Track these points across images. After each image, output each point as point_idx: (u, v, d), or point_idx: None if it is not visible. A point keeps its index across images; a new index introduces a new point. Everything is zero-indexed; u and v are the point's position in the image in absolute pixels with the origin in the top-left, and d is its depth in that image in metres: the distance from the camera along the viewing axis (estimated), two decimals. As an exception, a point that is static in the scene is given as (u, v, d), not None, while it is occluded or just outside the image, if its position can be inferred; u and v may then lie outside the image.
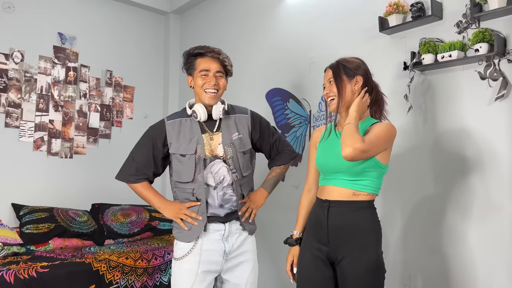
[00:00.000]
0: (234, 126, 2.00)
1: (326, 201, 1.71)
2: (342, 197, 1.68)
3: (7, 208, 3.18)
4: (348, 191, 1.67)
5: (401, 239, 2.31)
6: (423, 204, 2.23)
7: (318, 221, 1.73)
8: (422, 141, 2.24)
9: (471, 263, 2.04)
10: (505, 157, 1.95)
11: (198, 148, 1.91)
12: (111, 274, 2.65)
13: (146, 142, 2.01)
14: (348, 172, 1.67)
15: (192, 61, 1.96)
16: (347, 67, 1.74)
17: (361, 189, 1.67)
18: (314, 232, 1.74)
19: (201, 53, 1.94)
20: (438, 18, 2.16)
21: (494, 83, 1.98)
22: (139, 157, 2.00)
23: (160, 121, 2.06)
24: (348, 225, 1.65)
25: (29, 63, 3.33)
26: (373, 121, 1.76)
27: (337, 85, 1.73)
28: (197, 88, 1.95)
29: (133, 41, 3.97)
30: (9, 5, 3.27)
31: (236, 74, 3.52)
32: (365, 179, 1.67)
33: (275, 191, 2.21)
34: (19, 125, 3.26)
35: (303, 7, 2.95)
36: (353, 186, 1.67)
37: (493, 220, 1.97)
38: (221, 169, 1.94)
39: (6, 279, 2.28)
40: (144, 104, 4.01)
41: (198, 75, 1.93)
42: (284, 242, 1.90)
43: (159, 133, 1.99)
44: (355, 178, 1.67)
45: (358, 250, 1.63)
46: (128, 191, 2.19)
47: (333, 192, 1.70)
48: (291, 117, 2.99)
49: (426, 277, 2.20)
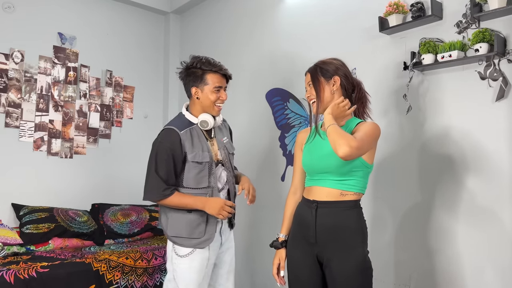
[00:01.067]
0: (221, 131, 2.21)
1: (314, 201, 1.72)
2: (330, 197, 1.70)
3: (7, 208, 3.18)
4: (336, 191, 1.70)
5: (401, 239, 2.31)
6: (424, 204, 2.23)
7: (305, 221, 1.74)
8: (421, 141, 2.24)
9: (472, 262, 2.04)
10: (505, 157, 1.95)
11: (209, 155, 2.07)
12: (111, 274, 2.65)
13: (165, 156, 2.00)
14: (335, 172, 1.69)
15: (201, 75, 2.05)
16: (324, 68, 1.78)
17: (348, 189, 1.69)
18: (302, 233, 1.76)
19: (213, 70, 2.06)
20: (438, 18, 2.16)
21: (494, 83, 1.98)
22: (163, 172, 1.99)
23: (169, 132, 2.03)
24: (336, 225, 1.67)
25: (29, 63, 3.33)
26: (357, 120, 1.78)
27: (315, 88, 1.77)
28: (207, 101, 2.07)
29: (133, 41, 3.97)
30: (9, 5, 3.27)
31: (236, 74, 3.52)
32: (351, 179, 1.69)
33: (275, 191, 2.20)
34: (19, 125, 3.26)
35: (303, 7, 2.95)
36: (340, 186, 1.69)
37: (494, 220, 1.97)
38: (222, 172, 2.13)
39: (6, 279, 2.28)
40: (144, 104, 4.01)
41: (211, 90, 2.06)
42: (270, 246, 1.92)
43: (176, 145, 2.01)
44: (342, 178, 1.69)
45: (346, 251, 1.65)
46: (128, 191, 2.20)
47: (321, 193, 1.72)
48: (291, 117, 2.99)
49: (426, 277, 2.20)
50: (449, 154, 2.13)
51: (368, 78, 2.50)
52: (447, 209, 2.13)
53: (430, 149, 2.21)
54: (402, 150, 2.32)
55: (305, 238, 1.74)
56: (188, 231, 2.02)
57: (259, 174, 3.17)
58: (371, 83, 2.48)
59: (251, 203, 2.12)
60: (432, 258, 2.18)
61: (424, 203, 2.23)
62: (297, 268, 1.77)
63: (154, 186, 1.99)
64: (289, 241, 1.84)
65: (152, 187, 2.00)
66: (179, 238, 2.03)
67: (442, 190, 2.15)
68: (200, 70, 2.05)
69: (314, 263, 1.72)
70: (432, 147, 2.20)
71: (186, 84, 2.10)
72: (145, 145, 3.95)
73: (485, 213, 2.00)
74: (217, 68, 2.06)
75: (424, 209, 2.22)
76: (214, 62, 2.07)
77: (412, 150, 2.28)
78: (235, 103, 3.42)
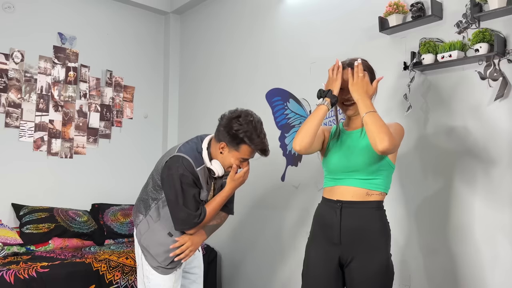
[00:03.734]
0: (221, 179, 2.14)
1: (338, 201, 1.67)
2: (356, 197, 1.65)
3: (7, 208, 3.18)
4: (362, 191, 1.65)
5: (400, 239, 2.31)
6: (424, 204, 2.23)
7: (328, 222, 1.68)
8: (421, 141, 2.24)
9: (472, 262, 2.04)
10: (505, 156, 1.95)
11: (207, 195, 2.06)
12: (111, 274, 2.65)
13: (190, 190, 1.96)
14: (363, 171, 1.65)
15: (238, 142, 1.94)
16: (371, 72, 1.71)
17: (375, 188, 1.65)
18: (324, 233, 1.70)
19: (255, 147, 1.96)
20: (438, 18, 2.16)
21: (494, 83, 1.98)
22: (192, 205, 1.96)
23: (189, 164, 1.96)
24: (361, 226, 1.63)
25: (29, 63, 3.33)
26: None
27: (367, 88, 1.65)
28: (227, 161, 1.99)
29: (133, 41, 3.97)
30: (9, 5, 3.27)
31: (236, 74, 3.54)
32: (378, 178, 1.66)
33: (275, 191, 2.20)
34: (19, 125, 3.26)
35: (303, 7, 2.95)
36: (367, 185, 1.65)
37: (495, 220, 1.97)
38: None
39: (6, 279, 2.28)
40: (144, 104, 4.01)
41: (237, 158, 1.98)
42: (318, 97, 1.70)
43: (195, 178, 1.98)
44: (369, 177, 1.65)
45: (369, 252, 1.62)
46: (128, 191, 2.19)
47: (347, 193, 1.67)
48: (291, 117, 2.99)
49: (427, 277, 2.20)
50: (449, 154, 2.13)
51: (368, 78, 2.51)
52: (447, 209, 2.13)
53: (430, 149, 2.21)
54: (402, 150, 2.32)
55: (327, 238, 1.68)
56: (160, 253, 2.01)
57: (259, 174, 3.17)
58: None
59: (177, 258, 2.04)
60: (432, 258, 2.18)
61: (424, 203, 2.23)
62: (315, 267, 1.71)
63: (185, 219, 1.96)
64: (309, 241, 1.78)
65: (184, 221, 1.97)
66: (148, 254, 2.02)
67: (442, 191, 2.15)
68: (240, 139, 1.93)
69: (335, 263, 1.67)
70: (432, 147, 2.20)
71: (221, 133, 1.97)
72: (145, 145, 3.99)
73: (484, 215, 2.00)
74: (257, 147, 1.96)
75: (424, 209, 2.23)
76: (257, 138, 1.94)
77: (412, 150, 2.28)
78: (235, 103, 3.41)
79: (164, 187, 1.98)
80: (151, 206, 2.05)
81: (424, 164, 2.23)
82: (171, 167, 1.95)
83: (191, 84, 3.96)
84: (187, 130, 3.94)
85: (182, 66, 4.10)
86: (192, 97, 3.94)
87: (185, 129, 3.98)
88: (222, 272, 3.47)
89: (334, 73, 1.68)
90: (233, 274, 3.38)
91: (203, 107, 3.78)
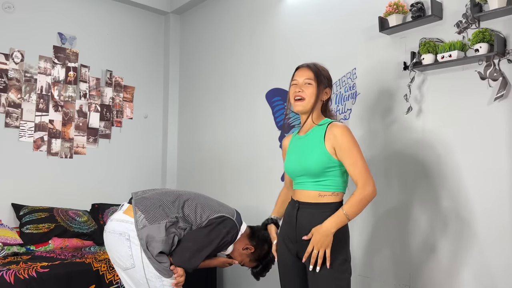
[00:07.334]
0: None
1: (297, 202, 1.79)
2: (310, 199, 1.75)
3: (7, 208, 3.18)
4: (314, 193, 1.74)
5: (400, 239, 2.31)
6: (424, 204, 2.23)
7: (289, 220, 1.81)
8: (421, 141, 2.24)
9: (473, 262, 2.04)
10: (504, 157, 1.95)
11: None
12: (111, 274, 2.65)
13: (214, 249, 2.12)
14: (312, 174, 1.73)
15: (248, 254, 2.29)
16: (324, 76, 1.81)
17: (325, 189, 1.73)
18: (286, 231, 1.83)
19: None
20: (438, 18, 2.16)
21: (494, 83, 1.98)
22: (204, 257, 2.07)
23: (234, 235, 2.14)
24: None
25: (29, 63, 3.33)
26: (328, 120, 1.80)
27: (317, 91, 1.77)
28: (235, 254, 2.28)
29: (133, 41, 3.97)
30: (9, 5, 3.27)
31: (235, 74, 3.54)
32: (327, 179, 1.73)
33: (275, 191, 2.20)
34: (19, 125, 3.26)
35: (302, 7, 2.95)
36: (317, 187, 1.73)
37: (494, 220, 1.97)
38: None
39: (6, 279, 2.28)
40: (144, 104, 4.01)
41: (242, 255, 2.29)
42: (262, 224, 2.03)
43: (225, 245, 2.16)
44: (319, 179, 1.73)
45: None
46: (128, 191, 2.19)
47: (302, 195, 1.78)
48: (291, 117, 2.99)
49: (427, 276, 2.20)
50: (448, 154, 2.13)
51: (368, 78, 2.51)
52: (447, 209, 2.13)
53: (430, 149, 2.21)
54: (402, 149, 2.32)
55: (289, 237, 1.80)
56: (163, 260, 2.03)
57: (259, 174, 3.17)
58: (371, 83, 2.49)
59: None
60: (432, 257, 2.18)
61: (425, 203, 2.23)
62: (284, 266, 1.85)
63: (192, 261, 2.03)
64: (279, 240, 1.88)
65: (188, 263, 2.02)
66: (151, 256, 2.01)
67: (442, 189, 2.15)
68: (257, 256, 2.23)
69: (294, 258, 1.79)
70: (432, 147, 2.20)
71: (258, 244, 2.23)
72: (145, 145, 3.98)
73: (486, 213, 2.00)
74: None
75: (424, 209, 2.22)
76: (269, 267, 2.27)
77: (412, 150, 2.28)
78: (235, 103, 3.42)
79: (204, 228, 2.06)
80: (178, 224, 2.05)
81: (423, 163, 2.23)
82: (225, 226, 2.09)
83: (191, 84, 3.96)
84: (187, 130, 3.95)
85: (182, 66, 4.10)
86: (192, 97, 3.94)
87: (185, 129, 3.98)
88: (223, 272, 3.47)
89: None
90: (233, 274, 3.38)
91: (203, 107, 3.78)
